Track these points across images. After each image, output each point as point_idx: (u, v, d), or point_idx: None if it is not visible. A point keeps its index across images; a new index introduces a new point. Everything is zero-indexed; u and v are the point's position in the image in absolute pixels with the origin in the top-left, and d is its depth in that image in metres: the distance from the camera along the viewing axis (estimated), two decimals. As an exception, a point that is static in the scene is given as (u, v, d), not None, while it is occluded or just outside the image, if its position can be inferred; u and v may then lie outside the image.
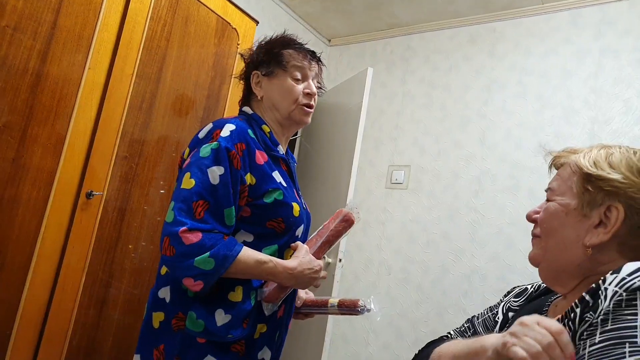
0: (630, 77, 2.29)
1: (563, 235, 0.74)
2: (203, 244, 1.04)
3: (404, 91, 3.00)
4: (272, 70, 1.26)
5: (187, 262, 1.03)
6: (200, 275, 1.04)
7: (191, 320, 1.08)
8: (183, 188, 1.07)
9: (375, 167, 2.98)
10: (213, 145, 1.10)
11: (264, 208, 1.16)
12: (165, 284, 1.14)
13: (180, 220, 1.04)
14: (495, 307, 0.91)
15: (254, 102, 1.30)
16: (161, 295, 1.13)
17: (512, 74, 2.62)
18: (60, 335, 1.47)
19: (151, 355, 1.10)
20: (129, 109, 1.62)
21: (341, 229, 1.26)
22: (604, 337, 0.55)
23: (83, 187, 1.50)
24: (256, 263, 1.10)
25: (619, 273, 0.59)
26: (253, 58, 1.30)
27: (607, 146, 0.76)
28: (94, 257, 1.55)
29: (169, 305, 1.11)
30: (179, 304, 1.10)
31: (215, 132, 1.13)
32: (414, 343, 2.54)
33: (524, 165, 2.47)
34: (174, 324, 1.10)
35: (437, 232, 2.65)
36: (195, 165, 1.09)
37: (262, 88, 1.27)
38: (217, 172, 1.08)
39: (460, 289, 2.50)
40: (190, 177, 1.07)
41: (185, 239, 1.03)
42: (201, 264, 1.03)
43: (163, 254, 1.05)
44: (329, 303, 1.31)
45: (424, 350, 0.85)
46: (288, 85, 1.25)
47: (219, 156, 1.09)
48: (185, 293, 1.11)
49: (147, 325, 1.13)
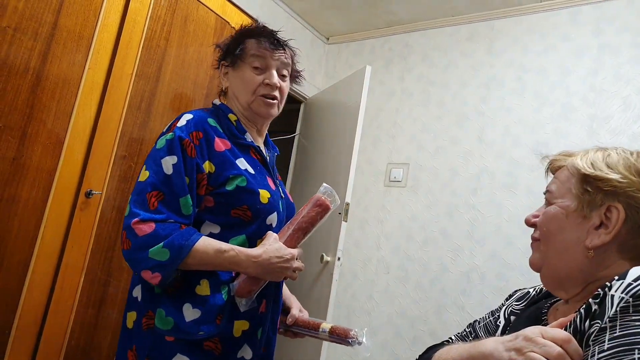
0: (629, 74, 2.29)
1: (563, 237, 0.74)
2: (156, 234, 1.01)
3: (402, 88, 3.00)
4: (235, 61, 1.23)
5: (143, 254, 1.00)
6: (157, 267, 1.00)
7: (160, 318, 1.04)
8: (139, 181, 1.06)
9: (374, 165, 2.98)
10: (168, 136, 1.08)
11: (227, 196, 1.11)
12: (138, 282, 1.11)
13: (134, 212, 1.02)
14: (497, 311, 0.91)
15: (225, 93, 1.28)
16: (134, 294, 1.10)
17: (510, 71, 2.63)
18: (59, 334, 1.47)
19: (126, 356, 1.07)
20: (128, 109, 1.62)
21: (314, 214, 1.16)
22: (613, 343, 0.55)
23: (82, 187, 1.50)
24: (216, 252, 1.06)
25: (624, 279, 0.59)
26: (222, 49, 1.28)
27: (604, 148, 0.76)
28: (92, 256, 1.55)
29: (140, 303, 1.08)
30: (149, 302, 1.07)
31: (173, 124, 1.11)
32: (413, 342, 2.55)
33: (522, 162, 2.47)
34: (144, 322, 1.06)
35: (436, 230, 2.66)
36: (151, 157, 1.08)
37: (227, 79, 1.26)
38: (170, 161, 1.06)
39: (459, 287, 2.51)
40: (145, 169, 1.06)
41: (138, 230, 1.00)
42: (156, 255, 1.00)
43: (122, 248, 1.03)
44: (320, 327, 1.25)
45: (424, 354, 0.85)
46: (247, 76, 1.21)
47: (172, 145, 1.07)
48: (153, 290, 1.07)
49: (123, 326, 1.10)
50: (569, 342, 0.59)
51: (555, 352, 0.58)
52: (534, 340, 0.60)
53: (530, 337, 0.60)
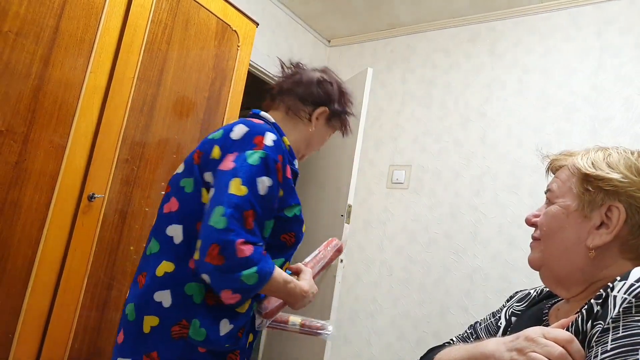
0: (631, 74, 2.28)
1: (564, 237, 0.74)
2: (253, 258, 1.00)
3: (404, 90, 3.00)
4: (333, 122, 1.32)
5: (234, 275, 0.98)
6: (241, 290, 1.00)
7: (195, 329, 1.04)
8: (233, 194, 1.02)
9: (376, 167, 2.98)
10: (260, 153, 1.07)
11: (283, 221, 1.15)
12: (164, 287, 1.07)
13: (234, 229, 0.99)
14: (498, 313, 0.91)
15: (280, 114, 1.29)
16: (157, 299, 1.06)
17: (512, 73, 2.62)
18: (63, 337, 1.48)
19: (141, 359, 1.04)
20: (130, 112, 1.63)
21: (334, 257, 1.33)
22: (616, 344, 0.54)
23: (85, 190, 1.51)
24: (284, 282, 1.10)
25: (627, 279, 0.58)
26: (332, 95, 1.31)
27: (604, 148, 0.76)
28: (95, 259, 1.55)
29: (167, 310, 1.05)
30: (182, 311, 1.05)
31: (257, 138, 1.10)
32: (417, 343, 2.54)
33: (525, 163, 2.47)
34: (176, 331, 1.04)
35: (439, 231, 2.65)
36: (243, 171, 1.04)
37: (315, 122, 1.30)
38: (267, 183, 1.06)
39: (462, 289, 2.50)
40: (241, 183, 1.03)
41: (240, 251, 0.98)
42: (246, 279, 0.99)
43: (207, 261, 0.98)
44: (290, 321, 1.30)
45: (425, 356, 0.85)
46: (325, 138, 1.35)
47: (268, 167, 1.07)
48: (191, 299, 1.06)
49: (136, 328, 1.06)
50: (571, 342, 0.58)
51: (557, 352, 0.57)
52: (535, 340, 0.59)
53: (532, 337, 0.60)
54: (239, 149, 1.09)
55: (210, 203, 1.03)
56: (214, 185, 1.07)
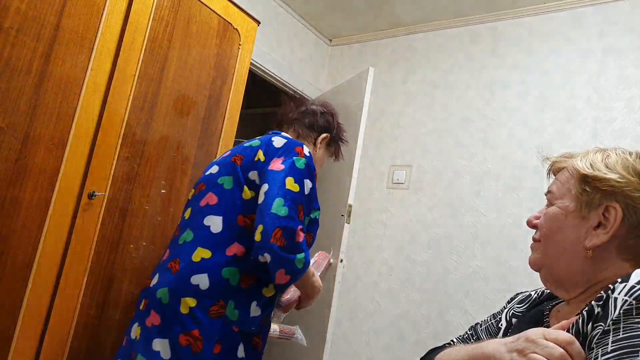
0: (634, 76, 2.28)
1: (563, 237, 0.74)
2: (303, 245, 1.18)
3: (405, 91, 3.00)
4: (332, 147, 1.62)
5: (291, 257, 1.15)
6: (292, 272, 1.16)
7: (230, 309, 1.16)
8: (289, 189, 1.20)
9: (377, 167, 2.98)
10: (304, 160, 1.27)
11: (309, 221, 1.33)
12: (201, 271, 1.17)
13: (293, 216, 1.17)
14: (499, 314, 0.91)
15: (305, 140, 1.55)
16: (194, 282, 1.16)
17: (514, 74, 2.62)
18: (63, 335, 1.47)
19: (177, 340, 1.12)
20: (131, 110, 1.62)
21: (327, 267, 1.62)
22: (617, 345, 0.55)
23: (85, 188, 1.51)
24: (312, 274, 1.30)
25: (627, 281, 0.59)
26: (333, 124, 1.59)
27: (604, 149, 0.77)
28: (95, 257, 1.55)
29: (205, 292, 1.15)
30: (220, 293, 1.17)
31: (298, 148, 1.30)
32: (415, 344, 2.54)
33: (525, 165, 2.46)
34: (214, 311, 1.15)
35: (439, 232, 2.65)
36: (294, 172, 1.23)
37: (318, 147, 1.58)
38: (309, 185, 1.27)
39: (461, 290, 2.50)
40: (294, 181, 1.22)
41: (298, 236, 1.16)
42: (298, 262, 1.16)
43: (272, 242, 1.13)
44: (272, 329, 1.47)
45: (426, 357, 0.85)
46: (324, 160, 1.64)
47: (310, 171, 1.28)
48: (228, 282, 1.18)
49: (172, 310, 1.15)
50: (571, 343, 0.58)
51: (557, 353, 0.57)
52: (536, 341, 0.60)
53: (533, 338, 0.60)
54: (284, 154, 1.27)
55: (266, 195, 1.18)
56: (266, 181, 1.22)
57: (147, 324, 1.18)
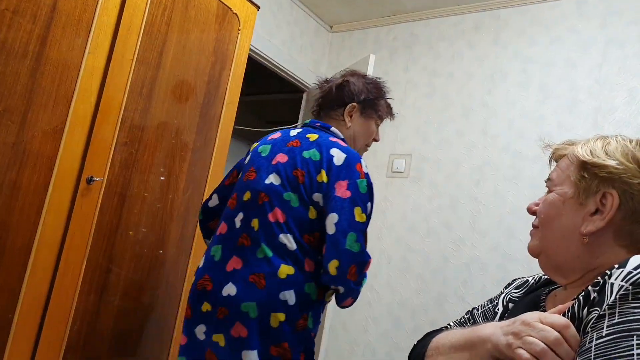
0: (636, 66, 2.26)
1: (560, 224, 0.75)
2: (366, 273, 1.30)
3: (407, 79, 2.98)
4: (367, 111, 1.47)
5: (360, 287, 1.30)
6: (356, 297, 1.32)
7: (310, 320, 1.29)
8: (359, 222, 1.25)
9: (376, 156, 2.97)
10: (366, 182, 1.29)
11: None
12: (289, 288, 1.24)
13: (364, 250, 1.25)
14: (496, 299, 0.92)
15: (336, 122, 1.46)
16: (282, 298, 1.23)
17: (515, 63, 2.60)
18: (62, 320, 1.48)
19: (268, 351, 1.21)
20: (129, 95, 1.61)
21: None
22: (611, 330, 0.55)
23: (83, 173, 1.50)
24: None
25: (625, 267, 0.58)
26: (356, 90, 1.47)
27: (605, 137, 0.77)
28: (94, 243, 1.55)
29: (292, 307, 1.24)
30: (304, 308, 1.26)
31: (358, 166, 1.30)
32: (413, 331, 2.55)
33: (525, 155, 2.46)
34: (300, 324, 1.25)
35: (438, 221, 2.65)
36: (360, 200, 1.27)
37: (352, 119, 1.47)
38: (370, 208, 1.31)
39: (460, 278, 2.50)
40: (362, 212, 1.26)
41: (366, 269, 1.28)
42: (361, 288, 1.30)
43: (348, 278, 1.24)
44: None
45: (423, 340, 0.86)
46: (372, 128, 1.52)
47: (371, 193, 1.31)
48: (309, 296, 1.27)
49: (262, 324, 1.22)
50: (567, 327, 0.59)
51: (552, 337, 0.58)
52: (532, 325, 0.60)
53: (529, 322, 0.60)
54: (347, 176, 1.28)
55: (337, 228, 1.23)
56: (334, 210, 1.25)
57: (232, 334, 1.23)
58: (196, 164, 1.87)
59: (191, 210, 1.86)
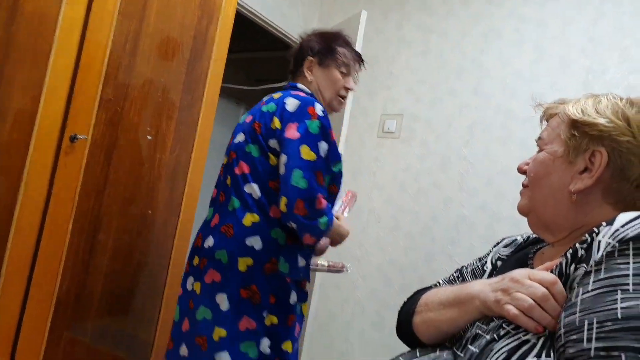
0: (630, 25, 2.23)
1: (549, 182, 0.75)
2: (325, 209, 1.31)
3: (400, 37, 2.91)
4: (325, 61, 1.50)
5: (314, 223, 1.29)
6: (316, 234, 1.31)
7: (282, 264, 1.34)
8: (306, 159, 1.28)
9: (368, 116, 2.94)
10: (318, 123, 1.32)
11: (332, 175, 1.42)
12: (253, 233, 1.33)
13: (313, 186, 1.27)
14: (484, 257, 0.93)
15: (302, 81, 1.52)
16: (249, 244, 1.33)
17: (509, 22, 2.55)
18: (50, 280, 1.48)
19: (237, 294, 1.31)
20: (112, 49, 1.55)
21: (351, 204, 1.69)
22: (596, 285, 0.55)
23: (66, 131, 1.46)
24: (337, 225, 1.41)
25: (612, 225, 0.59)
26: (310, 45, 1.52)
27: (596, 95, 0.77)
28: (80, 203, 1.53)
29: (259, 252, 1.32)
30: (271, 251, 1.33)
31: (311, 109, 1.34)
32: (401, 289, 2.60)
33: (517, 115, 2.44)
34: (268, 267, 1.33)
35: (428, 181, 2.66)
36: (308, 139, 1.30)
37: (312, 73, 1.51)
38: (325, 147, 1.33)
39: (448, 237, 2.54)
40: (310, 150, 1.29)
41: (319, 203, 1.29)
42: (321, 225, 1.30)
43: (295, 212, 1.27)
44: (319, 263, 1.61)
45: (412, 297, 0.87)
46: (335, 77, 1.51)
47: (325, 133, 1.33)
48: (276, 242, 1.34)
49: (231, 269, 1.32)
50: (554, 284, 0.60)
51: (540, 292, 0.59)
52: (520, 281, 0.61)
53: (517, 278, 0.61)
54: (298, 119, 1.33)
55: (286, 167, 1.29)
56: (284, 151, 1.31)
57: (206, 280, 1.34)
58: (183, 123, 1.83)
59: (179, 169, 1.84)
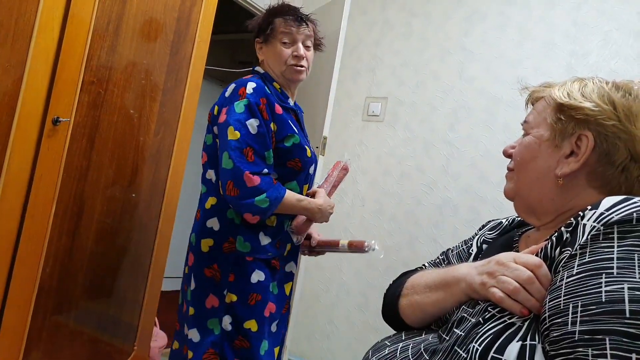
0: (613, 9, 2.25)
1: (536, 166, 0.75)
2: (261, 187, 1.31)
3: (384, 19, 2.90)
4: (267, 38, 1.51)
5: (249, 201, 1.30)
6: (259, 212, 1.32)
7: (240, 243, 1.37)
8: (231, 139, 1.31)
9: (352, 99, 2.94)
10: (244, 101, 1.34)
11: (285, 151, 1.42)
12: (212, 215, 1.40)
13: (240, 165, 1.29)
14: (470, 240, 0.93)
15: (260, 63, 1.56)
16: (209, 225, 1.40)
17: (493, 4, 2.55)
18: (33, 262, 1.46)
19: (203, 273, 1.38)
20: (94, 31, 1.51)
21: (342, 176, 1.65)
22: (581, 269, 0.56)
23: (49, 114, 1.43)
24: (297, 201, 1.41)
25: (597, 208, 0.59)
26: (254, 27, 1.55)
27: (582, 79, 0.76)
28: (63, 185, 1.51)
29: (218, 232, 1.39)
30: (228, 232, 1.38)
31: (241, 90, 1.37)
32: (385, 270, 2.64)
33: (500, 99, 2.47)
34: (226, 247, 1.38)
35: (412, 164, 2.68)
36: (233, 120, 1.33)
37: (262, 53, 1.54)
38: (254, 123, 1.34)
39: (431, 220, 2.57)
40: (234, 130, 1.32)
41: (248, 181, 1.29)
42: (260, 203, 1.31)
43: (227, 194, 1.31)
44: (339, 244, 1.55)
45: (398, 280, 0.87)
46: (277, 50, 1.49)
47: (251, 110, 1.34)
48: (233, 222, 1.39)
49: (196, 250, 1.41)
50: (539, 267, 0.60)
51: (525, 275, 0.59)
52: (505, 264, 0.61)
53: (503, 261, 0.62)
54: (228, 103, 1.37)
55: (219, 151, 1.35)
56: (218, 136, 1.37)
57: (188, 263, 1.45)
58: (167, 105, 1.81)
59: (163, 152, 1.82)
